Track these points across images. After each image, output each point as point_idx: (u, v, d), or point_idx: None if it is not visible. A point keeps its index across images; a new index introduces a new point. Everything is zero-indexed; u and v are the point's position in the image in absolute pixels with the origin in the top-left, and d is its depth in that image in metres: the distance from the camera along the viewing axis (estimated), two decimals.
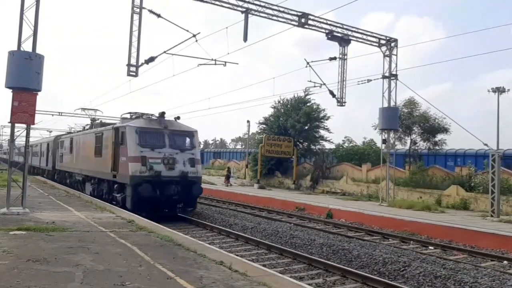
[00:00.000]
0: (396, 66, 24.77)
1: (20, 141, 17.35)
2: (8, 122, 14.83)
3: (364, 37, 24.38)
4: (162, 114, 19.36)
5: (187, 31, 19.41)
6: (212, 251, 9.62)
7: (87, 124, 30.43)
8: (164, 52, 20.16)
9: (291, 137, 37.79)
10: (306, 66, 24.90)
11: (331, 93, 25.55)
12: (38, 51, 14.49)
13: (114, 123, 21.52)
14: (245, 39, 19.10)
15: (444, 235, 16.44)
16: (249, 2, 19.99)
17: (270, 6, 20.62)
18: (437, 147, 32.64)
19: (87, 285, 6.51)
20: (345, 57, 24.71)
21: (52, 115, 50.38)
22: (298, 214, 22.75)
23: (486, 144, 21.24)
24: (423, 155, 34.95)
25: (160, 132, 18.22)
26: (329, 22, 23.01)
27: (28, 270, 7.20)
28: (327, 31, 23.10)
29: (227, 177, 38.86)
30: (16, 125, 14.91)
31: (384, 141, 25.75)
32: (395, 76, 24.69)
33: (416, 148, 33.53)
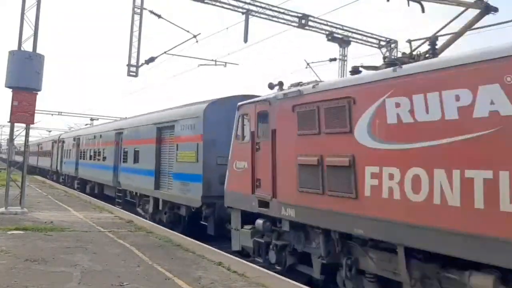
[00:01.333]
0: None
1: (19, 140, 17.32)
2: (8, 122, 14.86)
3: (364, 38, 24.39)
4: None
5: (188, 31, 19.42)
6: (210, 252, 9.60)
7: None
8: (165, 52, 20.15)
9: None
10: (306, 67, 24.88)
11: None
12: (38, 51, 14.53)
13: None
14: (245, 40, 19.11)
15: None
16: (249, 4, 20.01)
17: (271, 8, 20.66)
18: None
19: (84, 285, 6.50)
20: (345, 58, 24.72)
21: (52, 114, 50.35)
22: None
23: None
24: None
25: None
26: (329, 24, 23.02)
27: (26, 270, 7.19)
28: (327, 33, 23.11)
29: None
30: (16, 124, 14.94)
31: None
32: None
33: None
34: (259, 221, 8.75)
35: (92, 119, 47.16)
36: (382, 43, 24.82)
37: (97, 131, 23.87)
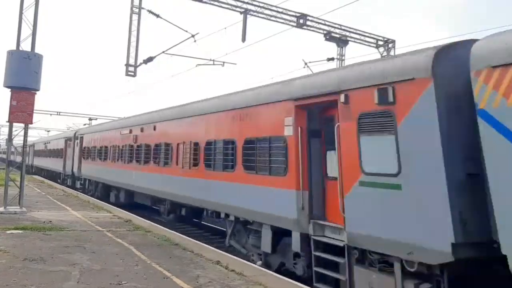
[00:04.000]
0: None
1: (18, 140, 17.29)
2: (6, 122, 14.88)
3: (362, 38, 24.43)
4: None
5: (186, 31, 19.44)
6: (209, 251, 9.64)
7: None
8: (163, 52, 20.17)
9: None
10: (304, 67, 24.93)
11: None
12: (36, 50, 14.54)
13: None
14: (243, 39, 19.13)
15: None
16: (247, 3, 20.03)
17: (269, 7, 20.68)
18: None
19: (83, 284, 6.54)
20: (343, 57, 24.75)
21: (51, 114, 50.28)
22: None
23: None
24: None
25: None
26: (327, 23, 23.06)
27: (25, 269, 7.23)
28: (325, 32, 23.15)
29: None
30: (15, 124, 14.98)
31: None
32: None
33: None
34: None
35: (90, 119, 47.19)
36: (380, 42, 24.88)
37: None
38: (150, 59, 19.82)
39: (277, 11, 21.07)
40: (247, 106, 9.68)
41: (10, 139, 15.30)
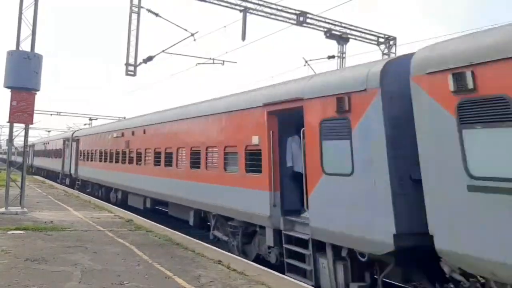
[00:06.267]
0: None
1: (18, 140, 17.29)
2: (7, 122, 14.87)
3: (363, 35, 24.36)
4: None
5: (186, 30, 19.41)
6: (210, 250, 9.63)
7: None
8: (163, 51, 20.14)
9: None
10: (305, 65, 24.87)
11: None
12: (36, 50, 14.51)
13: None
14: (243, 38, 19.09)
15: None
16: (247, 1, 19.98)
17: (269, 5, 20.63)
18: None
19: (85, 284, 6.53)
20: (344, 55, 24.69)
21: (51, 114, 50.30)
22: None
23: None
24: None
25: None
26: (327, 21, 22.99)
27: (26, 269, 7.22)
28: (325, 30, 23.09)
29: None
30: (15, 124, 14.98)
31: None
32: None
33: None
34: None
35: (90, 119, 47.23)
36: (381, 40, 24.81)
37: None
38: (150, 58, 19.79)
39: (277, 9, 21.02)
40: None
41: (10, 139, 15.28)
